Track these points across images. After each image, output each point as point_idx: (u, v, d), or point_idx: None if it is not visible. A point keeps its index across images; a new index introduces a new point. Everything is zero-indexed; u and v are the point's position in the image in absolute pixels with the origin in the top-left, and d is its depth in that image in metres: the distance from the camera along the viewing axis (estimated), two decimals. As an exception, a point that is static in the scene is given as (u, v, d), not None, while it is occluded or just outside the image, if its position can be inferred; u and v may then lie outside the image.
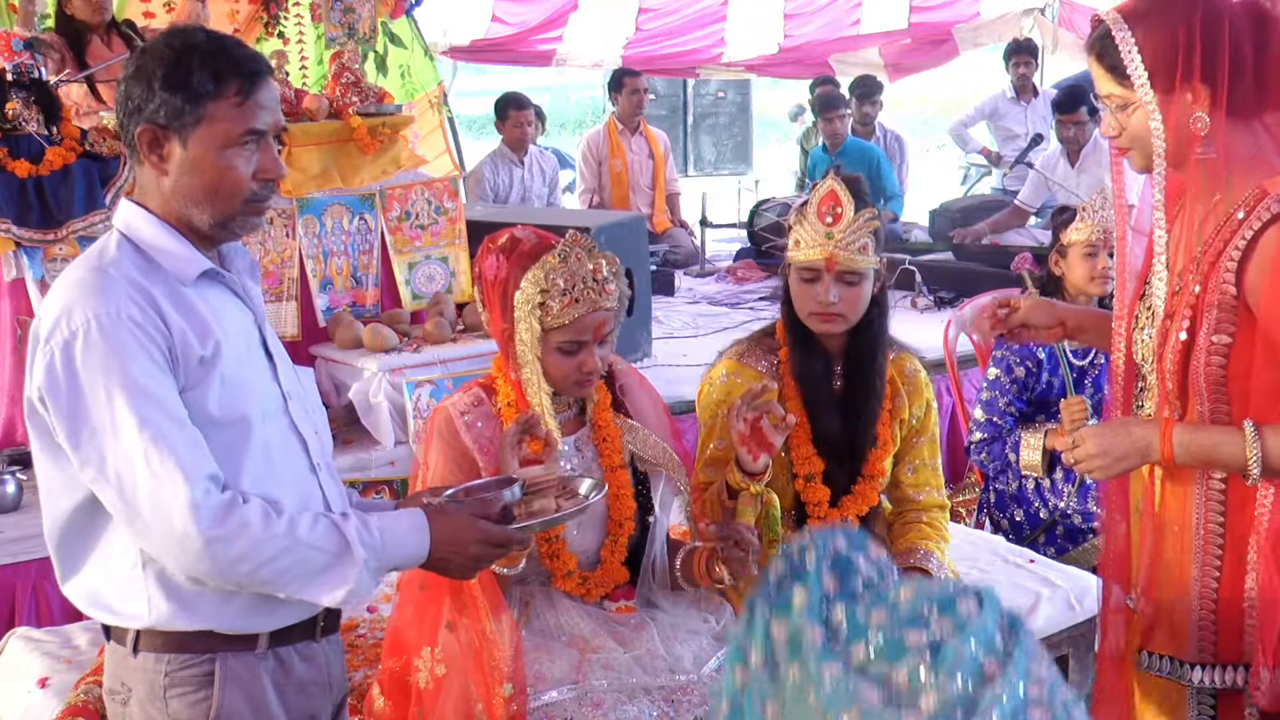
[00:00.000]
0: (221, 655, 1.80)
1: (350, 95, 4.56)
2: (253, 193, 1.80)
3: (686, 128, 12.46)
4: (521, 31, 9.25)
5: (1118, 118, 1.95)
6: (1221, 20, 1.85)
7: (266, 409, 1.84)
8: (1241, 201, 1.89)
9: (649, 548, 2.46)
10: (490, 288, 2.33)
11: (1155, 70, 1.87)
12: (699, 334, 5.40)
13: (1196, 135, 1.88)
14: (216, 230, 1.82)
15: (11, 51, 4.01)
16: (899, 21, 9.76)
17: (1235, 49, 1.85)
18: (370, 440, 4.04)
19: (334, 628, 1.98)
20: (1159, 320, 1.97)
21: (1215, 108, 1.86)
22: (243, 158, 1.78)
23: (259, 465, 1.79)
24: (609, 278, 2.30)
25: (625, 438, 2.44)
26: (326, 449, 1.98)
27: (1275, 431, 1.86)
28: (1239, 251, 1.87)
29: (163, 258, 1.78)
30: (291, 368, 1.97)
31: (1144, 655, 2.04)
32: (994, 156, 8.49)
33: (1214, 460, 1.91)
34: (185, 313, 1.76)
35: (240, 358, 1.82)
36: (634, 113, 7.80)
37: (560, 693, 2.20)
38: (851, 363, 2.68)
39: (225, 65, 1.76)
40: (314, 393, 2.04)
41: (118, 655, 1.83)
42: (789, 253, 2.61)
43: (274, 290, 4.28)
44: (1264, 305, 1.86)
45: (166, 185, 1.79)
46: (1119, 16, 1.90)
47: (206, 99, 1.75)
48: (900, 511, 2.84)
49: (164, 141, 1.77)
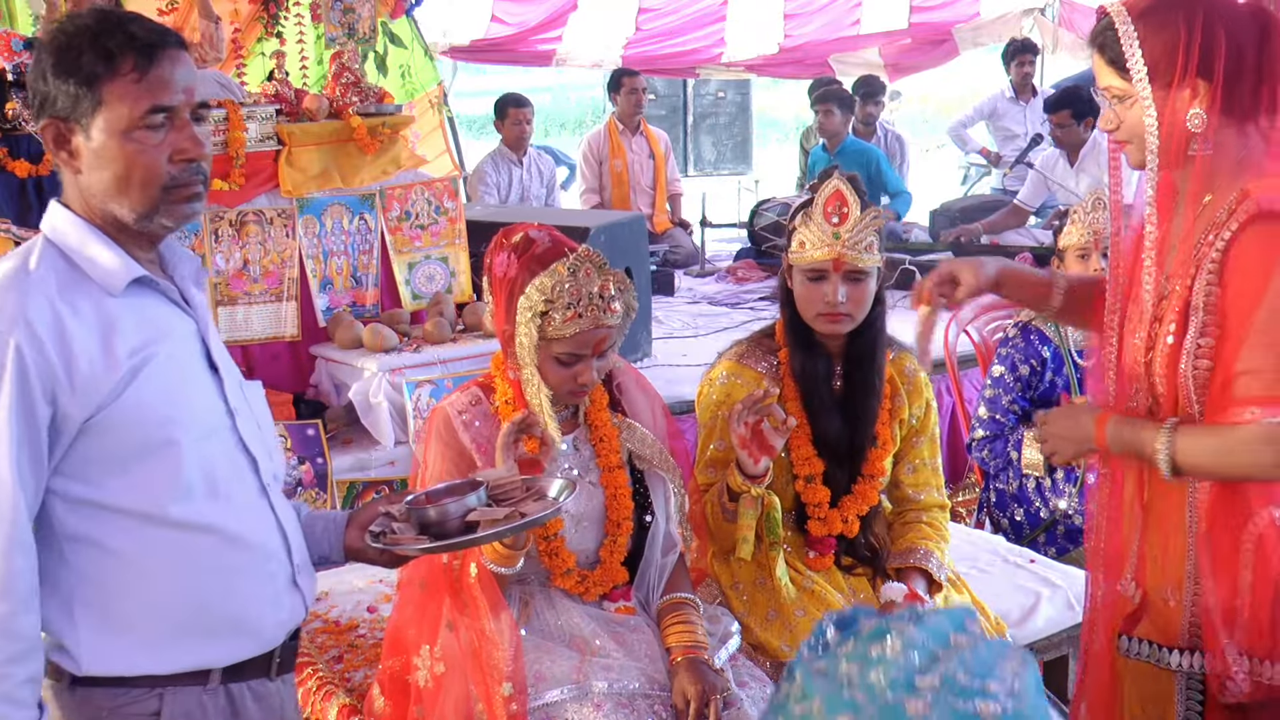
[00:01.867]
0: (170, 691, 1.70)
1: (350, 95, 4.56)
2: (171, 177, 1.65)
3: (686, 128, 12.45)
4: (521, 31, 9.24)
5: (1116, 111, 1.97)
6: (1224, 19, 1.87)
7: (207, 427, 1.72)
8: (1227, 204, 1.90)
9: (648, 549, 2.46)
10: (497, 285, 2.33)
11: (1155, 65, 1.88)
12: (699, 334, 5.40)
13: (1192, 132, 1.89)
14: (143, 225, 1.68)
15: (11, 51, 4.01)
16: (899, 21, 9.76)
17: (1236, 49, 1.86)
18: (370, 440, 4.04)
19: (289, 666, 1.88)
20: (1147, 323, 1.98)
21: (1212, 106, 1.88)
22: (152, 140, 1.63)
23: (198, 489, 1.68)
24: (615, 295, 2.29)
25: (623, 436, 2.44)
26: (278, 468, 1.86)
27: (1194, 432, 1.89)
28: (1219, 253, 1.88)
29: (89, 267, 1.66)
30: (239, 382, 1.83)
31: (1124, 640, 2.06)
32: (993, 156, 8.48)
33: (1139, 453, 1.95)
34: (104, 330, 1.63)
35: (174, 373, 1.69)
36: (633, 112, 7.80)
37: (561, 693, 2.20)
38: (851, 362, 2.68)
39: (116, 41, 1.62)
40: (263, 408, 1.90)
41: (55, 690, 1.71)
42: (793, 254, 2.61)
43: (274, 290, 4.28)
44: (1227, 300, 1.88)
45: (83, 182, 1.67)
46: (1123, 9, 1.91)
47: (100, 80, 1.61)
48: (900, 511, 2.84)
49: (69, 135, 1.64)
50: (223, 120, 4.14)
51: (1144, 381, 2.00)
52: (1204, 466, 1.91)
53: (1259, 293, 1.84)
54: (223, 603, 1.73)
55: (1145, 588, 2.03)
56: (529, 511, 1.93)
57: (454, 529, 1.90)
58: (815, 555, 2.72)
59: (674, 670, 2.27)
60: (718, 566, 2.72)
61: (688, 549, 2.51)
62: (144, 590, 1.69)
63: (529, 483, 2.04)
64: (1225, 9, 1.88)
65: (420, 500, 1.95)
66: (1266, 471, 1.86)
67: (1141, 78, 1.89)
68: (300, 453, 3.82)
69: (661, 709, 2.22)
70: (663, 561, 2.47)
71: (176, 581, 1.70)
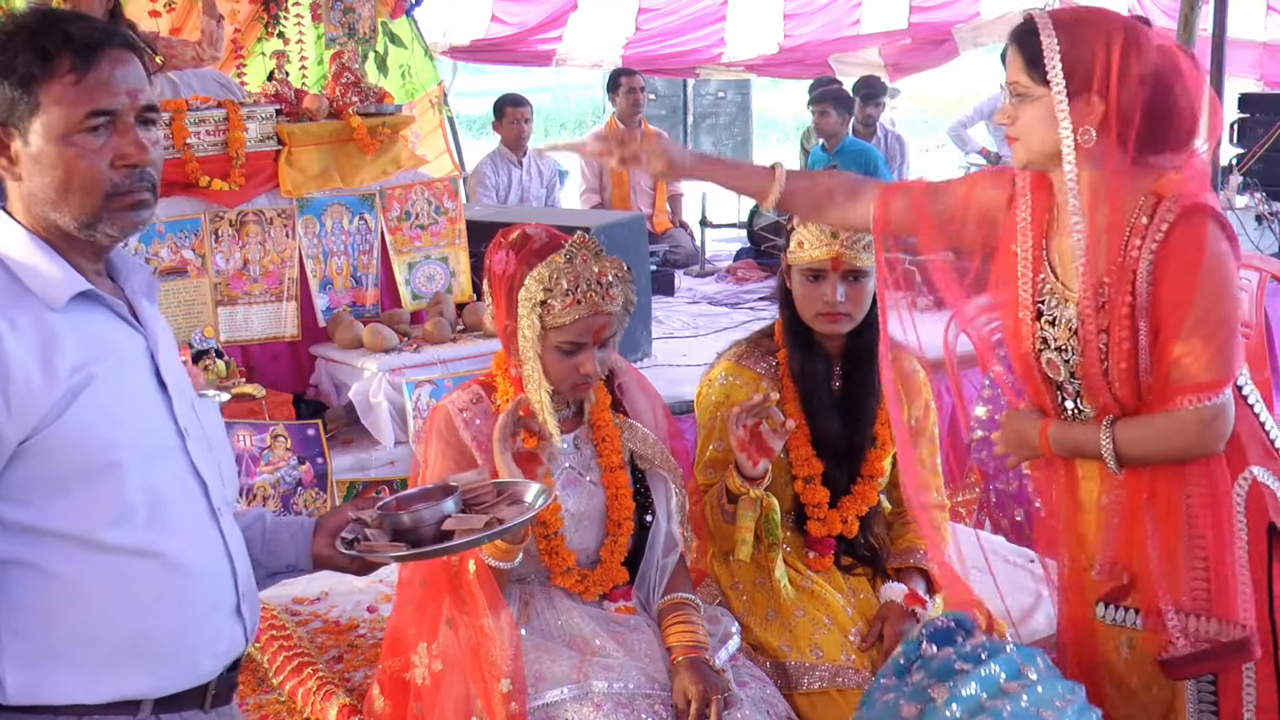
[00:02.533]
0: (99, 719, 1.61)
1: (350, 95, 4.56)
2: (113, 184, 1.57)
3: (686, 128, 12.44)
4: (521, 31, 9.24)
5: (1014, 107, 2.10)
6: (1140, 54, 1.99)
7: (154, 448, 1.63)
8: (1140, 207, 2.03)
9: (649, 549, 2.46)
10: (497, 283, 2.34)
11: (1071, 74, 2.01)
12: (699, 334, 5.40)
13: (1081, 147, 2.02)
14: (87, 234, 1.59)
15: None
16: (899, 21, 9.75)
17: (1142, 85, 1.99)
18: (370, 440, 4.05)
19: (226, 699, 1.77)
20: (1089, 336, 2.07)
21: (1105, 127, 2.01)
22: (93, 145, 1.55)
23: (140, 513, 1.59)
24: (614, 282, 2.29)
25: (624, 436, 2.44)
26: (229, 490, 1.77)
27: (1129, 424, 2.07)
28: (1152, 254, 2.01)
29: (31, 279, 1.57)
30: (191, 401, 1.74)
31: (1102, 607, 2.17)
32: (993, 156, 8.48)
33: (1083, 453, 2.15)
34: (44, 347, 1.54)
35: (118, 392, 1.60)
36: (633, 112, 7.79)
37: (561, 693, 2.20)
38: (851, 362, 2.68)
39: (53, 41, 1.53)
40: (216, 428, 1.81)
41: None
42: (791, 254, 2.61)
43: (274, 290, 4.29)
44: (1160, 296, 2.00)
45: (23, 190, 1.59)
46: (1048, 21, 2.04)
47: (36, 82, 1.53)
48: (900, 512, 2.84)
49: (7, 140, 1.56)
50: (223, 120, 4.14)
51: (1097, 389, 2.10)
52: (1146, 455, 2.07)
53: (1192, 285, 1.99)
54: (160, 631, 1.64)
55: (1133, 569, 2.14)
56: (506, 516, 1.88)
57: (429, 536, 1.84)
58: (815, 556, 2.72)
59: (675, 670, 2.27)
60: (717, 567, 2.72)
61: (688, 549, 2.51)
62: (79, 616, 1.60)
63: (501, 486, 1.99)
64: (1142, 47, 2.00)
65: (392, 506, 1.89)
66: (1199, 450, 2.04)
67: (1059, 85, 2.01)
68: (300, 453, 3.82)
69: (661, 709, 2.22)
70: (663, 561, 2.47)
71: (113, 608, 1.61)
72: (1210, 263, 1.99)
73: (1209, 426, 2.02)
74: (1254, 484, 2.08)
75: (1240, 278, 2.34)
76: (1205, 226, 2.00)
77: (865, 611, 2.66)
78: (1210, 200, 2.02)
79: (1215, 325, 2.00)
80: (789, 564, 2.67)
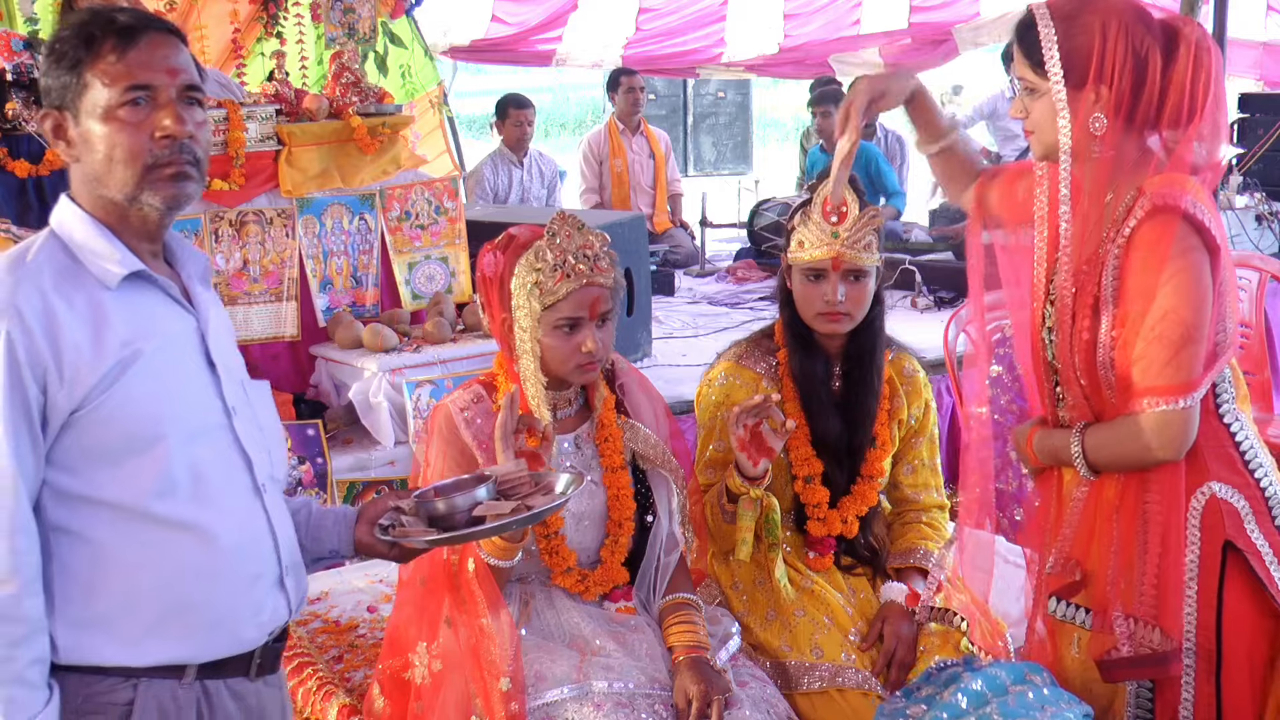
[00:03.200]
0: (144, 682, 1.70)
1: (350, 95, 4.56)
2: (154, 156, 1.67)
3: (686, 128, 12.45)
4: (521, 31, 9.23)
5: (1025, 101, 2.11)
6: (1136, 33, 2.00)
7: (199, 425, 1.73)
8: (1124, 202, 2.04)
9: (649, 548, 2.46)
10: (489, 283, 2.35)
11: (1070, 66, 2.02)
12: (699, 334, 5.40)
13: (1093, 135, 2.02)
14: (134, 206, 1.70)
15: (11, 51, 4.01)
16: (899, 21, 9.74)
17: (1142, 60, 1.99)
18: (370, 440, 4.05)
19: (272, 668, 1.86)
20: (1064, 320, 2.10)
21: (1113, 112, 2.01)
22: (134, 118, 1.66)
23: (182, 486, 1.69)
24: (601, 255, 2.32)
25: (626, 436, 2.44)
26: (277, 468, 1.87)
27: (1098, 429, 2.09)
28: (1119, 249, 2.02)
29: (88, 259, 1.69)
30: (241, 382, 1.84)
31: (1055, 602, 2.19)
32: (993, 157, 8.48)
33: (1060, 461, 2.17)
34: (95, 322, 1.65)
35: (165, 369, 1.70)
36: (632, 111, 7.80)
37: (561, 692, 2.20)
38: (851, 362, 2.68)
39: (97, 27, 1.67)
40: (266, 408, 1.91)
41: None
42: (792, 254, 2.61)
43: (274, 290, 4.29)
44: (1126, 293, 2.01)
45: (81, 171, 1.71)
46: (1046, 12, 2.05)
47: (84, 64, 1.66)
48: (900, 512, 2.84)
49: (64, 123, 1.69)
50: (223, 120, 4.14)
51: (1068, 376, 2.12)
52: (1111, 460, 2.09)
53: (1152, 284, 1.98)
54: (200, 601, 1.72)
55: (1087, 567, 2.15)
56: (536, 505, 1.95)
57: (461, 522, 1.93)
58: (815, 556, 2.72)
59: (676, 670, 2.27)
60: (718, 567, 2.72)
61: (689, 549, 2.51)
62: (122, 584, 1.68)
63: (537, 477, 2.06)
64: (1139, 24, 2.01)
65: (429, 494, 1.98)
66: (1152, 456, 2.02)
67: (1058, 77, 2.02)
68: (300, 453, 3.82)
69: (662, 709, 2.23)
70: (664, 561, 2.47)
71: (155, 577, 1.70)
72: (1173, 262, 1.97)
73: (1164, 432, 2.00)
74: (1212, 499, 2.05)
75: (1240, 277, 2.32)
76: (1173, 227, 1.98)
77: (865, 611, 2.66)
78: (1187, 203, 1.98)
79: (1173, 329, 1.97)
80: (789, 564, 2.67)
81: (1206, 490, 2.05)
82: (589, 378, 2.39)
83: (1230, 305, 2.07)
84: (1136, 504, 2.07)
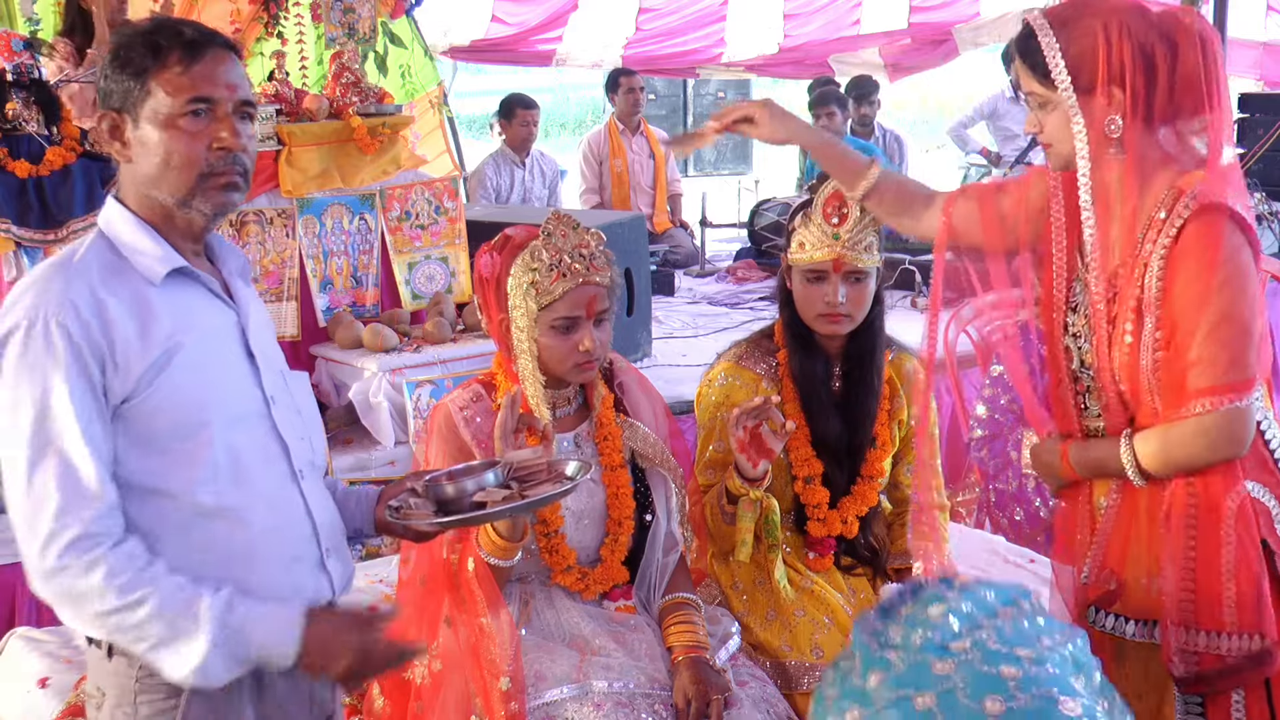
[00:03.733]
0: None
1: (350, 95, 4.56)
2: (209, 165, 1.76)
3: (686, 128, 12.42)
4: (521, 31, 9.24)
5: (1038, 115, 2.08)
6: (1139, 30, 1.96)
7: (238, 413, 1.80)
8: (1160, 202, 2.00)
9: (649, 548, 2.46)
10: (486, 284, 2.36)
11: (1077, 73, 1.98)
12: (699, 334, 5.40)
13: (1110, 138, 1.99)
14: (183, 210, 1.78)
15: (11, 51, 4.01)
16: (899, 21, 9.75)
17: (1150, 56, 1.96)
18: (370, 440, 4.05)
19: None
20: (1098, 326, 2.06)
21: (1130, 112, 1.98)
22: (193, 128, 1.75)
23: (223, 472, 1.76)
24: (596, 253, 2.32)
25: (625, 435, 2.45)
26: (315, 455, 1.94)
27: (1150, 435, 2.04)
28: (1165, 249, 1.98)
29: (134, 256, 1.77)
30: (280, 372, 1.93)
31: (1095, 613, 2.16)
32: (993, 157, 8.49)
33: (1106, 472, 2.12)
34: (142, 316, 1.73)
35: (207, 360, 1.78)
36: (631, 112, 7.80)
37: (561, 692, 2.20)
38: (851, 362, 2.68)
39: (165, 37, 1.76)
40: (306, 398, 2.01)
41: (95, 658, 1.81)
42: (792, 255, 2.61)
43: (274, 290, 4.29)
44: (1173, 294, 1.97)
45: (132, 172, 1.79)
46: (1044, 21, 2.01)
47: (149, 72, 1.74)
48: (900, 512, 2.84)
49: (121, 125, 1.77)
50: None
51: (1104, 381, 2.09)
52: (1169, 463, 2.03)
53: (1207, 285, 1.95)
54: (241, 584, 1.76)
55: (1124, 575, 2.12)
56: (541, 493, 1.97)
57: (466, 507, 1.95)
58: (815, 556, 2.72)
59: (676, 670, 2.27)
60: (717, 567, 2.72)
61: (688, 549, 2.51)
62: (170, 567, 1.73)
63: (554, 464, 2.09)
64: (1139, 20, 1.98)
65: (440, 477, 2.01)
66: (1204, 459, 2.00)
67: (1066, 86, 1.99)
68: (300, 452, 3.82)
69: (662, 709, 2.23)
70: (664, 561, 2.47)
71: (199, 562, 1.75)
72: (1227, 262, 1.96)
73: (1230, 429, 1.98)
74: (1245, 499, 2.03)
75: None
76: (1221, 224, 1.96)
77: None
78: (1231, 200, 1.98)
79: (1232, 327, 1.95)
80: (789, 564, 2.67)
81: (1240, 490, 2.03)
82: (587, 377, 2.39)
83: (1263, 302, 2.05)
84: (1179, 507, 2.04)
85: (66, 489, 1.65)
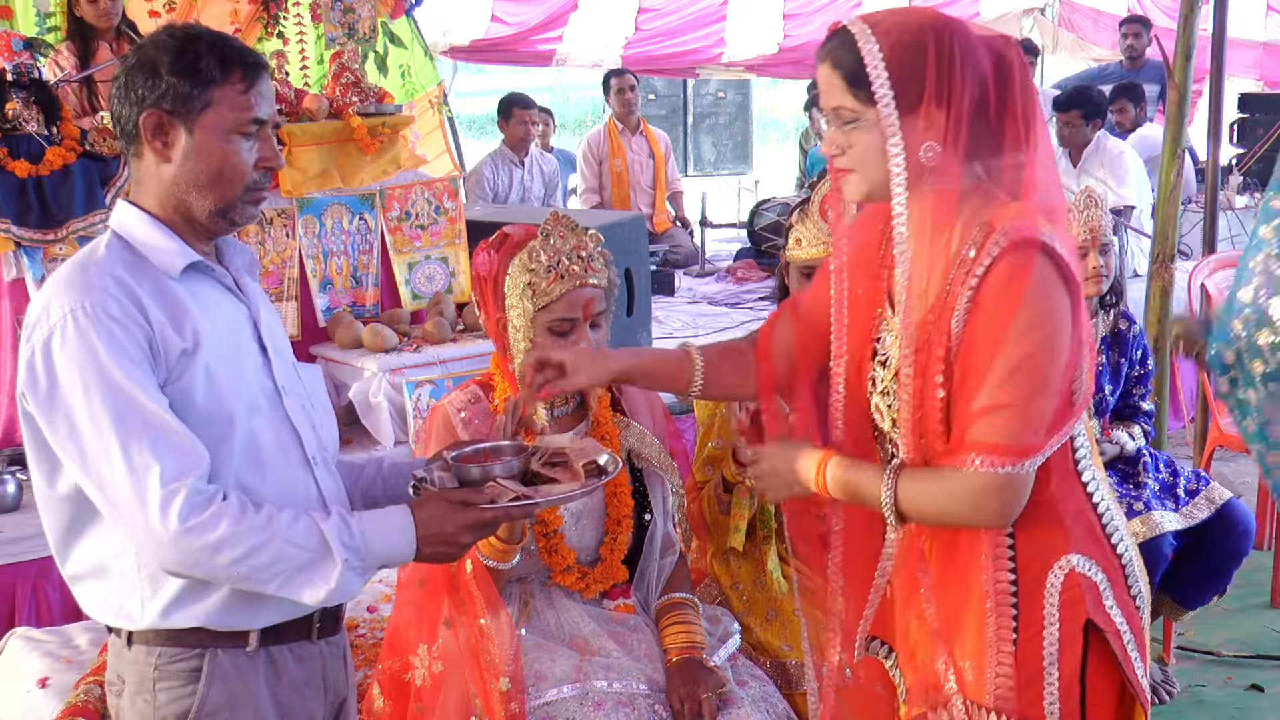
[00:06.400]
0: (211, 651, 1.80)
1: (350, 95, 4.56)
2: (254, 180, 1.84)
3: (686, 128, 12.44)
4: (521, 31, 9.25)
5: (843, 133, 1.79)
6: (969, 50, 1.73)
7: (255, 402, 1.84)
8: (971, 240, 1.75)
9: (647, 548, 2.47)
10: (483, 283, 2.36)
11: (901, 89, 1.73)
12: (699, 334, 5.41)
13: (924, 166, 1.74)
14: (215, 220, 1.83)
15: (11, 51, 4.01)
16: (899, 21, 9.76)
17: (981, 82, 1.73)
18: (370, 440, 4.05)
19: (332, 630, 1.94)
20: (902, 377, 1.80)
21: (949, 139, 1.73)
22: (246, 145, 1.82)
23: (244, 458, 1.80)
24: (594, 255, 2.32)
25: (621, 434, 2.45)
26: (327, 444, 1.98)
27: (918, 476, 1.79)
28: (971, 291, 1.73)
29: (151, 253, 1.80)
30: (291, 364, 1.97)
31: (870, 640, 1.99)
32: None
33: (860, 498, 1.85)
34: (168, 306, 1.77)
35: (225, 351, 1.82)
36: (627, 112, 7.80)
37: (560, 692, 2.20)
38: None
39: (231, 54, 1.81)
40: (317, 389, 2.06)
41: (115, 648, 1.85)
42: (790, 251, 2.62)
43: (274, 290, 4.28)
44: (969, 336, 1.73)
45: (168, 173, 1.81)
46: (866, 29, 1.76)
47: (214, 84, 1.79)
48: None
49: (169, 128, 1.79)
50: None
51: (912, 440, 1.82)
52: (924, 514, 1.81)
53: (1004, 328, 1.71)
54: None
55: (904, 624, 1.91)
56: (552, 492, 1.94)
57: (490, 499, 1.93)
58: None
59: (670, 671, 2.28)
60: (718, 566, 2.72)
61: (687, 549, 2.51)
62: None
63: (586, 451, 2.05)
64: (968, 40, 1.74)
65: (468, 455, 2.01)
66: (978, 521, 1.77)
67: (888, 101, 1.72)
68: (300, 452, 3.82)
69: (661, 709, 2.23)
70: (662, 561, 2.47)
71: None
72: (1030, 304, 1.70)
73: (994, 498, 1.73)
74: (1071, 574, 1.80)
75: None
76: (1031, 261, 1.70)
77: (865, 611, 2.67)
78: (1044, 235, 1.72)
79: (1030, 378, 1.70)
80: (784, 560, 2.67)
81: (1066, 564, 1.80)
82: None
83: (1088, 356, 1.79)
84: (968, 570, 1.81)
85: (165, 454, 1.67)
